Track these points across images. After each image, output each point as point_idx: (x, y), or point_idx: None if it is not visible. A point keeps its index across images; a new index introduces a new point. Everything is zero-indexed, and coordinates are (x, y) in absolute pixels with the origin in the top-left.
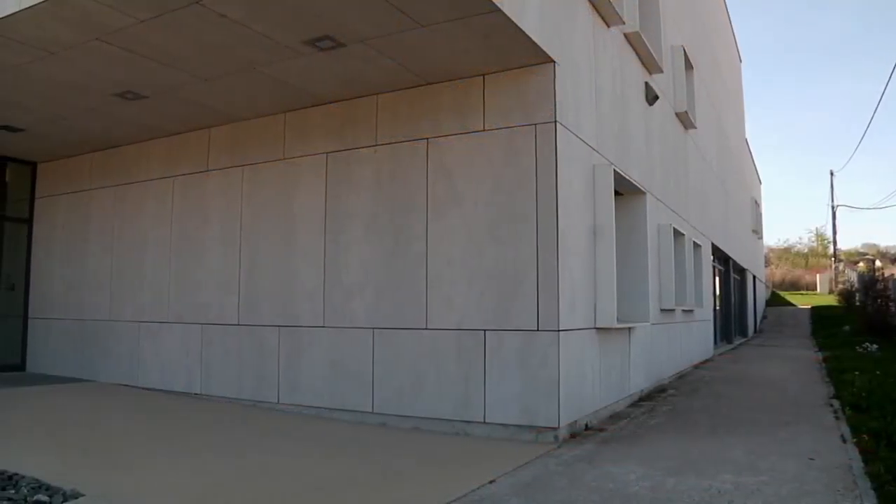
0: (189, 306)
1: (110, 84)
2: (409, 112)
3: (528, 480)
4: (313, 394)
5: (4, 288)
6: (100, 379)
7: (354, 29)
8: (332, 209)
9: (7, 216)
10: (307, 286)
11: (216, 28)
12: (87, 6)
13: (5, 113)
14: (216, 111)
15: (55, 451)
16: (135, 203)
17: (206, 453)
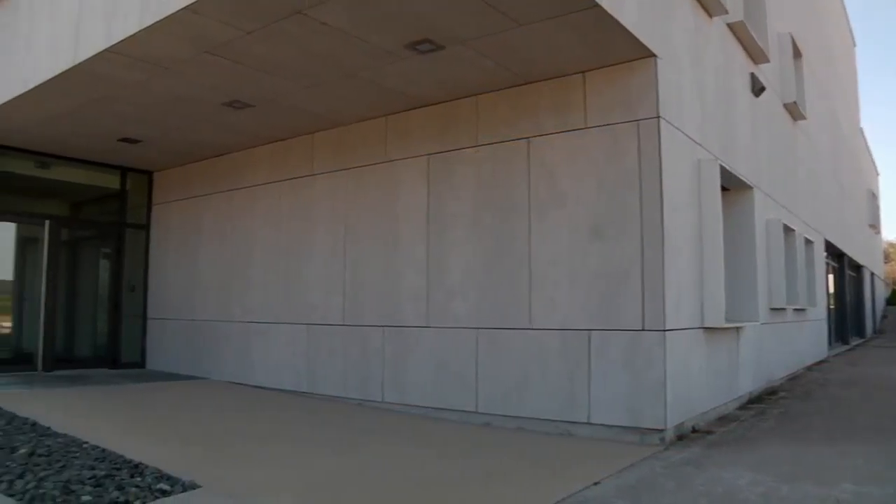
0: (296, 307)
1: (219, 94)
2: (509, 112)
3: (634, 483)
4: (418, 393)
5: (126, 290)
6: (212, 377)
7: (453, 31)
8: (434, 210)
9: (128, 223)
10: (411, 287)
11: (318, 36)
12: (199, 22)
13: (125, 126)
14: (319, 116)
15: (174, 443)
16: (243, 207)
17: (313, 450)
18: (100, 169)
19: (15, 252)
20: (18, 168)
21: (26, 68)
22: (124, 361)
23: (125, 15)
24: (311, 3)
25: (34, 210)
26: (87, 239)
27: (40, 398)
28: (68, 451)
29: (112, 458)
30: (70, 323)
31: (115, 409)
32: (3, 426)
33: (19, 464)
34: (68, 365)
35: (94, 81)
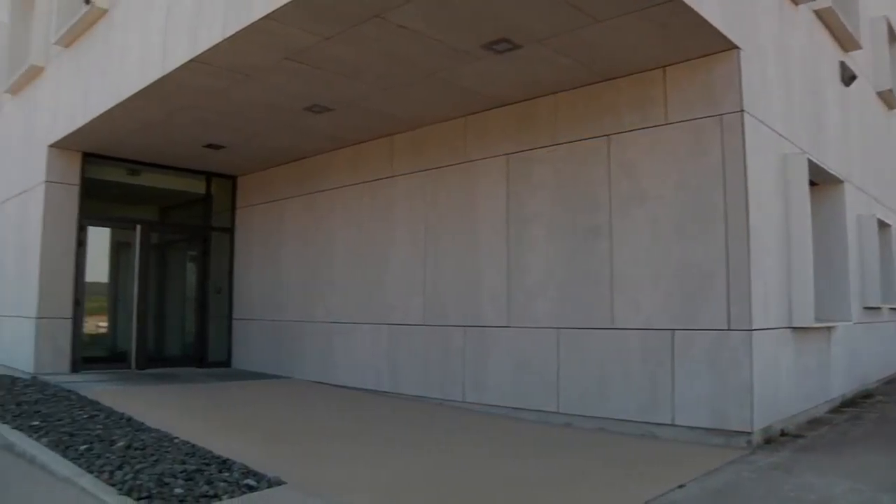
0: (377, 307)
1: (299, 99)
2: (587, 110)
3: (720, 487)
4: (498, 393)
5: (212, 292)
6: (295, 376)
7: (530, 30)
8: (514, 210)
9: (213, 226)
10: (490, 286)
11: (396, 39)
12: (279, 29)
13: (210, 133)
14: (398, 118)
15: (259, 441)
16: (324, 210)
17: (395, 448)
18: (186, 175)
19: (109, 255)
20: (111, 176)
21: (119, 80)
22: (211, 360)
23: (209, 26)
24: (390, 6)
25: (126, 215)
26: (175, 242)
27: (134, 395)
28: (161, 446)
29: (201, 454)
30: (160, 323)
31: (203, 406)
32: (102, 420)
33: (118, 456)
34: (159, 363)
35: (180, 91)
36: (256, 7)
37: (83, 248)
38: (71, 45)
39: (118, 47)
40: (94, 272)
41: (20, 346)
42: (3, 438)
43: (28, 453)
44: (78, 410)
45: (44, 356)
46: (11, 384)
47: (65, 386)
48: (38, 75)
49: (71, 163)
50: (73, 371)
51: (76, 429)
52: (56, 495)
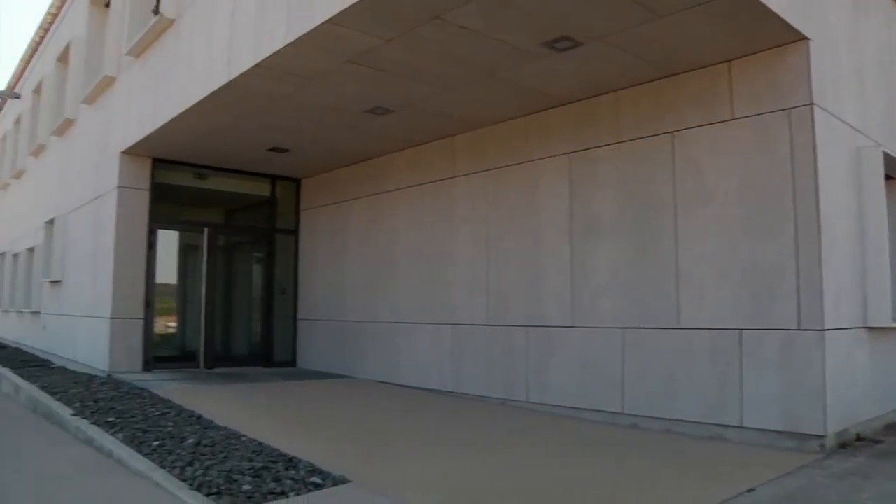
0: (440, 307)
1: (361, 102)
2: (651, 106)
3: (792, 492)
4: (562, 393)
5: (277, 292)
6: (359, 376)
7: (591, 27)
8: (576, 209)
9: (278, 228)
10: (554, 286)
11: (456, 39)
12: (340, 33)
13: (274, 137)
14: (459, 119)
15: (325, 439)
16: (387, 210)
17: (458, 448)
18: (252, 178)
19: (178, 258)
20: (180, 180)
21: (186, 88)
22: (276, 360)
23: (272, 31)
24: (450, 7)
25: (194, 218)
26: (242, 244)
27: (203, 393)
28: (229, 443)
29: (268, 452)
30: (227, 324)
31: (269, 405)
32: (173, 417)
33: (188, 452)
34: (226, 363)
35: (245, 96)
36: (318, 12)
37: (153, 251)
38: (141, 56)
39: (185, 55)
40: (163, 274)
41: (96, 346)
42: (82, 433)
43: (106, 448)
44: (150, 408)
45: (118, 355)
46: (89, 381)
47: (137, 384)
48: (110, 85)
49: (142, 168)
50: (145, 370)
51: (149, 425)
52: (132, 488)
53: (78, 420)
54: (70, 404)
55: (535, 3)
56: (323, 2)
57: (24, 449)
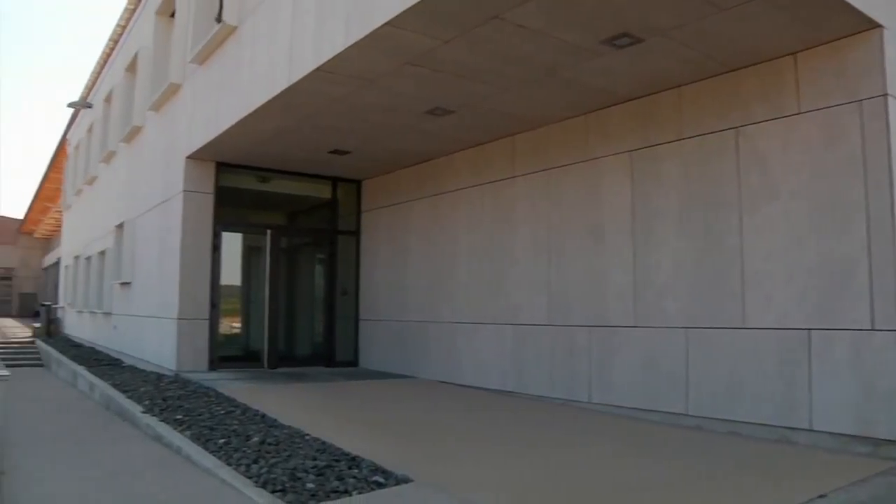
0: (501, 307)
1: (420, 103)
2: (714, 102)
3: (866, 499)
4: (624, 393)
5: (339, 294)
6: (420, 376)
7: (652, 23)
8: (639, 207)
9: (339, 229)
10: (616, 286)
11: (515, 39)
12: (399, 35)
13: (335, 139)
14: (519, 118)
15: (387, 439)
16: (447, 211)
17: (520, 448)
18: (313, 180)
19: (241, 259)
20: (243, 183)
21: (248, 93)
22: (339, 360)
23: (332, 35)
24: (508, 6)
25: (257, 221)
26: (304, 246)
27: (267, 393)
28: (293, 442)
29: (331, 450)
30: (290, 324)
31: (332, 404)
32: (238, 416)
33: (253, 450)
34: (289, 363)
35: (306, 99)
36: (377, 15)
37: (218, 253)
38: (204, 63)
39: (247, 61)
40: (227, 276)
41: (164, 346)
42: (152, 430)
43: (174, 444)
44: (216, 406)
45: (184, 355)
46: (157, 380)
47: (204, 383)
48: (176, 92)
49: (206, 172)
50: (211, 369)
51: (215, 423)
52: (200, 484)
53: (148, 417)
54: (140, 402)
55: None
56: (381, 5)
57: (99, 444)
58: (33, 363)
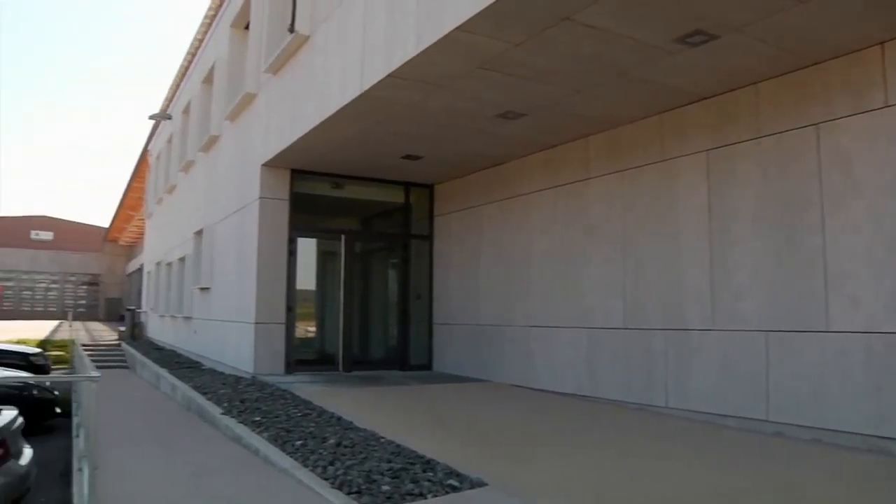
0: (575, 311)
1: (492, 107)
2: (793, 98)
3: None
4: (702, 398)
5: (412, 297)
6: (494, 379)
7: (727, 18)
8: (716, 207)
9: (412, 234)
10: (693, 288)
11: (585, 40)
12: (469, 39)
13: (407, 144)
14: (591, 120)
15: (461, 442)
16: (520, 214)
17: (595, 453)
18: (386, 185)
19: (316, 264)
20: (317, 190)
21: (322, 101)
22: (412, 363)
23: (403, 41)
24: (578, 7)
25: (331, 226)
26: (377, 250)
27: (342, 396)
28: (368, 444)
29: (406, 453)
30: (364, 328)
31: (406, 407)
32: (314, 418)
33: (329, 452)
34: (363, 366)
35: (378, 105)
36: (447, 20)
37: (293, 258)
38: (278, 72)
39: (319, 69)
40: (303, 280)
41: (241, 349)
42: (231, 431)
43: (253, 446)
44: (293, 409)
45: (261, 358)
46: (236, 383)
47: (280, 386)
48: (251, 102)
49: (281, 179)
50: (287, 372)
51: (292, 425)
52: (278, 484)
53: (227, 419)
54: (219, 404)
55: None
56: (451, 10)
57: (181, 444)
58: (119, 365)
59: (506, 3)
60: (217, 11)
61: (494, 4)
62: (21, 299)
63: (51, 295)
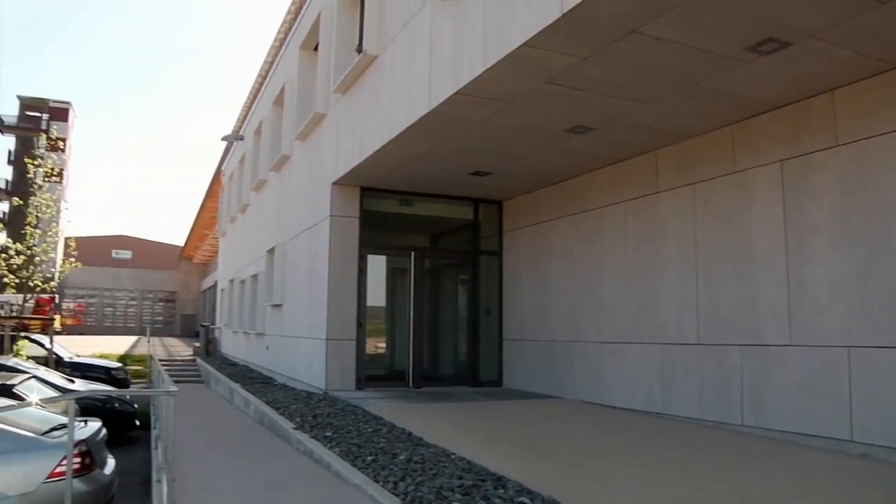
0: (647, 326)
1: (560, 122)
2: (874, 103)
3: None
4: (780, 417)
5: (482, 313)
6: (565, 396)
7: (801, 24)
8: (792, 219)
9: (481, 250)
10: (769, 302)
11: (653, 52)
12: (537, 55)
13: (476, 161)
14: (660, 132)
15: (532, 459)
16: (590, 229)
17: (668, 473)
18: (455, 202)
19: (386, 281)
20: (386, 207)
21: (390, 119)
22: (483, 380)
23: (470, 59)
24: (646, 19)
25: (400, 243)
26: (446, 267)
27: (413, 412)
28: (438, 461)
29: (477, 470)
30: (434, 344)
31: (476, 424)
32: (385, 434)
33: (400, 468)
34: (433, 382)
35: (446, 123)
36: (513, 36)
37: (363, 275)
38: (347, 92)
39: (387, 88)
40: (373, 297)
41: (313, 365)
42: (303, 445)
43: (324, 460)
44: (363, 424)
45: (332, 374)
46: (307, 398)
47: (351, 402)
48: (320, 121)
49: (351, 197)
50: (358, 388)
51: (363, 441)
52: (349, 499)
53: (299, 434)
54: (292, 419)
55: (738, 5)
56: (517, 26)
57: (255, 457)
58: (194, 380)
59: (572, 18)
60: (286, 34)
61: (561, 20)
62: (103, 315)
63: (130, 311)
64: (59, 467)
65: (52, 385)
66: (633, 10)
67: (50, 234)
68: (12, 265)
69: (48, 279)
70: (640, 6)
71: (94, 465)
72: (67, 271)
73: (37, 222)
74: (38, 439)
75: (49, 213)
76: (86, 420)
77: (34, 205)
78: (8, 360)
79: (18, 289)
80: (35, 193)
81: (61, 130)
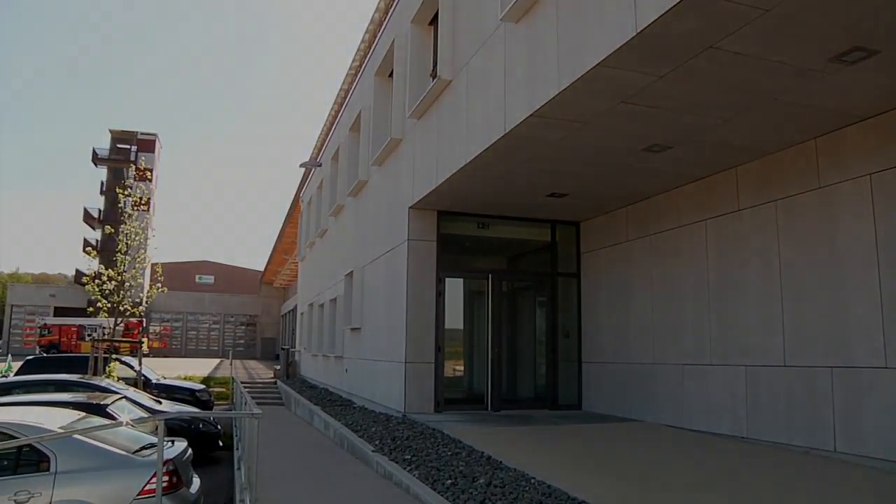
0: (731, 348)
1: (637, 141)
2: None
3: None
4: (878, 443)
5: (560, 336)
6: (645, 419)
7: (889, 31)
8: (885, 234)
9: (559, 272)
10: (861, 321)
11: (732, 67)
12: (612, 75)
13: (552, 182)
14: (741, 148)
15: (613, 484)
16: (670, 249)
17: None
18: (531, 224)
19: (464, 304)
20: (463, 230)
21: (465, 143)
22: (561, 403)
23: (544, 81)
24: (724, 34)
25: (478, 266)
26: (524, 289)
27: (491, 435)
28: (518, 485)
29: (557, 494)
30: (512, 367)
31: (556, 448)
32: (464, 458)
33: (479, 492)
34: (512, 405)
35: (522, 145)
36: (588, 57)
37: (441, 298)
38: (422, 117)
39: (462, 112)
40: (450, 320)
41: (392, 388)
42: (382, 468)
43: (403, 483)
44: (442, 447)
45: (411, 397)
46: (387, 421)
47: (430, 425)
48: (396, 147)
49: (428, 221)
50: (436, 411)
51: (442, 464)
52: None
53: (378, 456)
54: (371, 441)
55: (821, 14)
56: (592, 46)
57: (335, 479)
58: (275, 402)
59: (647, 37)
60: (361, 62)
61: (635, 38)
62: (187, 338)
63: (212, 334)
64: (149, 485)
65: (141, 406)
66: (707, 26)
67: (138, 261)
68: (105, 290)
69: (137, 303)
70: (712, 22)
71: (181, 484)
72: (154, 296)
73: (126, 249)
74: (130, 457)
75: (137, 241)
76: (172, 440)
77: (124, 233)
78: (101, 382)
79: (110, 313)
80: (125, 222)
81: (148, 161)
